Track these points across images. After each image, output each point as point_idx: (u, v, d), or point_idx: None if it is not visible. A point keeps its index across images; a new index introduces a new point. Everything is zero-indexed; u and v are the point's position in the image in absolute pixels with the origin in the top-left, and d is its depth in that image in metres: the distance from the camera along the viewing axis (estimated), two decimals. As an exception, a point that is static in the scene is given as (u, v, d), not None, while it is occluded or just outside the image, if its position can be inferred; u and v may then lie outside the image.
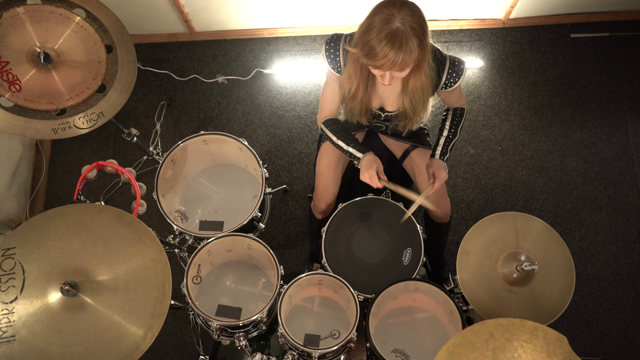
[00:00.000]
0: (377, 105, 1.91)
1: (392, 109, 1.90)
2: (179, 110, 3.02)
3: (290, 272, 2.69)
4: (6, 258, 1.54)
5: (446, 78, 1.79)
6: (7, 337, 1.47)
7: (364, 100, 1.84)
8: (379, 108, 1.91)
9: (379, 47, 1.50)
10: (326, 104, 1.97)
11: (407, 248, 2.02)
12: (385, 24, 1.50)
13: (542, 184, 2.86)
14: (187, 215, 2.22)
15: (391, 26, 1.49)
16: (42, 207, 2.90)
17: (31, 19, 1.89)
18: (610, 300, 2.68)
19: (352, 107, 1.88)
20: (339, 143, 1.93)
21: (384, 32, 1.49)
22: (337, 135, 1.94)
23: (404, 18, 1.49)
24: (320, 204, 2.19)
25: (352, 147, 1.89)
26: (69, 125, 1.90)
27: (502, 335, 1.42)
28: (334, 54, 1.78)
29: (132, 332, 1.49)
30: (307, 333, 1.97)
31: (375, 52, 1.52)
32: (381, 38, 1.49)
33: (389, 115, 1.92)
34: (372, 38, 1.51)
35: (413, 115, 1.86)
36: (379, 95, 1.87)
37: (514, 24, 3.11)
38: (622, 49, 3.08)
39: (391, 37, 1.49)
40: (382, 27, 1.50)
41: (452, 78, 1.79)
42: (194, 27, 3.04)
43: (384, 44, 1.50)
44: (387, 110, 1.91)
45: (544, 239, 1.81)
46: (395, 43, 1.49)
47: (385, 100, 1.88)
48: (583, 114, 2.98)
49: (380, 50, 1.51)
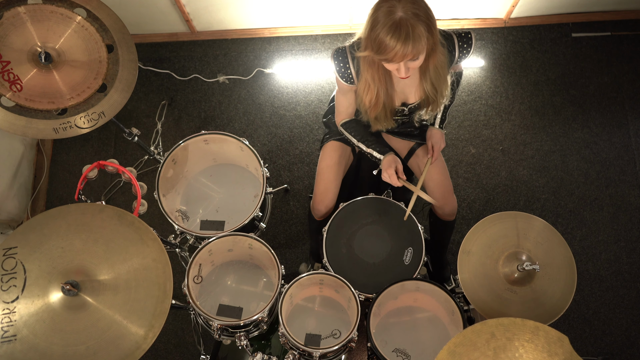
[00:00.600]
0: (399, 103, 1.90)
1: (414, 100, 1.89)
2: (180, 109, 3.02)
3: (291, 271, 2.69)
4: (7, 257, 1.54)
5: (459, 52, 1.80)
6: (8, 336, 1.47)
7: (387, 104, 1.84)
8: (401, 104, 1.91)
9: (387, 40, 1.50)
10: (343, 109, 1.99)
11: (408, 248, 2.02)
12: (388, 16, 1.50)
13: (544, 184, 2.85)
14: (188, 214, 2.22)
15: (395, 17, 1.49)
16: (44, 206, 2.91)
17: (32, 18, 1.89)
18: (611, 300, 2.67)
19: (377, 114, 1.87)
20: (360, 145, 1.98)
21: (389, 24, 1.49)
22: (358, 137, 1.98)
23: (406, 6, 1.50)
24: (319, 206, 2.15)
25: (372, 149, 1.95)
26: (70, 125, 1.90)
27: (503, 335, 1.41)
28: (344, 67, 1.77)
29: (133, 332, 1.49)
30: (308, 333, 1.97)
31: (385, 45, 1.52)
32: (387, 30, 1.50)
33: (412, 107, 1.92)
34: (379, 33, 1.51)
35: (436, 97, 1.85)
36: (398, 93, 1.87)
37: (515, 24, 3.10)
38: (623, 48, 3.07)
39: (397, 28, 1.49)
40: (386, 19, 1.50)
41: (465, 49, 1.81)
42: (195, 27, 3.04)
43: (391, 36, 1.50)
44: (410, 103, 1.90)
45: (545, 239, 1.81)
46: (402, 32, 1.49)
47: (407, 94, 1.88)
48: (584, 113, 2.97)
49: (389, 43, 1.51)
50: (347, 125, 2.01)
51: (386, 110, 1.86)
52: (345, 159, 2.16)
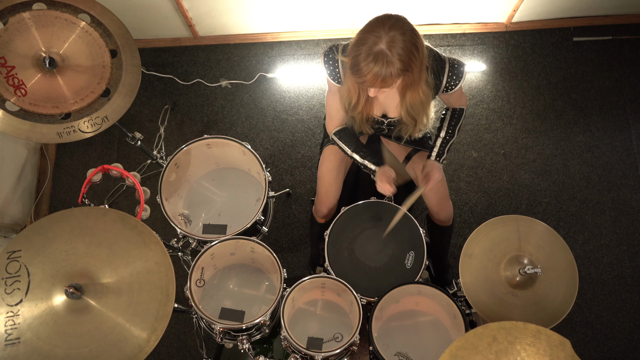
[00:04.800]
0: (379, 113, 1.91)
1: (394, 115, 1.91)
2: (183, 114, 3.03)
3: (293, 275, 2.69)
4: (11, 261, 1.55)
5: (446, 81, 1.80)
6: (12, 339, 1.48)
7: (365, 110, 1.86)
8: (381, 115, 1.92)
9: (362, 64, 1.54)
10: (334, 113, 1.99)
11: (410, 251, 2.02)
12: (372, 44, 1.52)
13: (545, 187, 2.85)
14: (191, 218, 2.23)
15: (376, 48, 1.52)
16: (47, 210, 2.92)
17: (37, 24, 1.91)
18: (614, 303, 2.67)
19: (354, 115, 1.89)
20: (353, 156, 1.99)
21: (368, 51, 1.52)
22: (352, 148, 1.99)
23: (391, 41, 1.51)
24: (322, 208, 2.19)
25: (367, 161, 1.96)
26: (73, 129, 1.92)
27: (505, 338, 1.42)
28: (332, 65, 1.79)
29: (135, 335, 1.50)
30: (310, 336, 1.97)
31: (359, 68, 1.55)
32: (365, 56, 1.53)
33: (392, 121, 1.93)
34: (359, 54, 1.55)
35: (412, 123, 1.88)
36: (380, 103, 1.88)
37: (516, 28, 3.11)
38: (625, 52, 3.08)
39: (374, 58, 1.52)
40: (369, 46, 1.53)
41: (453, 81, 1.80)
42: (197, 32, 3.06)
43: (366, 63, 1.53)
44: (390, 117, 1.92)
45: (547, 242, 1.81)
46: (377, 64, 1.52)
47: (387, 107, 1.89)
48: (586, 117, 2.98)
49: (363, 67, 1.54)
50: (339, 135, 2.01)
51: (363, 115, 1.88)
52: (345, 161, 2.18)
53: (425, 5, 2.92)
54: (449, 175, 2.86)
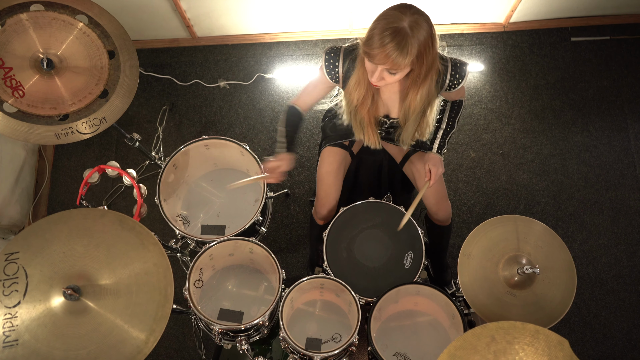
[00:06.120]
0: (382, 113, 1.91)
1: (396, 115, 1.90)
2: (181, 115, 3.03)
3: (291, 275, 2.70)
4: (9, 262, 1.55)
5: (450, 81, 1.81)
6: (10, 341, 1.47)
7: (372, 109, 1.85)
8: (384, 115, 1.92)
9: (378, 36, 1.52)
10: (306, 92, 1.96)
11: (408, 251, 2.02)
12: (394, 19, 1.51)
13: (543, 187, 2.86)
14: (189, 219, 2.23)
15: (398, 23, 1.51)
16: (45, 211, 2.91)
17: (34, 25, 1.90)
18: (612, 303, 2.67)
19: (361, 117, 1.88)
20: (279, 129, 1.91)
21: (389, 26, 1.51)
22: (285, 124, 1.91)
23: (414, 24, 1.51)
24: (322, 210, 2.19)
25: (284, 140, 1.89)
26: (71, 131, 1.92)
27: (503, 338, 1.42)
28: (333, 64, 1.79)
29: (134, 336, 1.50)
30: (309, 337, 1.97)
31: (374, 40, 1.53)
32: (383, 29, 1.51)
33: (394, 121, 1.93)
34: (377, 25, 1.53)
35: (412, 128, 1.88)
36: (384, 103, 1.88)
37: (514, 28, 3.12)
38: (622, 52, 3.08)
39: (392, 33, 1.51)
40: (390, 20, 1.52)
41: (456, 80, 1.81)
42: (195, 33, 3.05)
43: (383, 35, 1.51)
44: (392, 117, 1.92)
45: (545, 242, 1.81)
46: (394, 40, 1.51)
47: (390, 107, 1.89)
48: (584, 117, 2.98)
49: (378, 40, 1.52)
50: (290, 111, 1.95)
51: (370, 115, 1.86)
52: (343, 162, 2.17)
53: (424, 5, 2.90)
54: (447, 175, 2.87)
